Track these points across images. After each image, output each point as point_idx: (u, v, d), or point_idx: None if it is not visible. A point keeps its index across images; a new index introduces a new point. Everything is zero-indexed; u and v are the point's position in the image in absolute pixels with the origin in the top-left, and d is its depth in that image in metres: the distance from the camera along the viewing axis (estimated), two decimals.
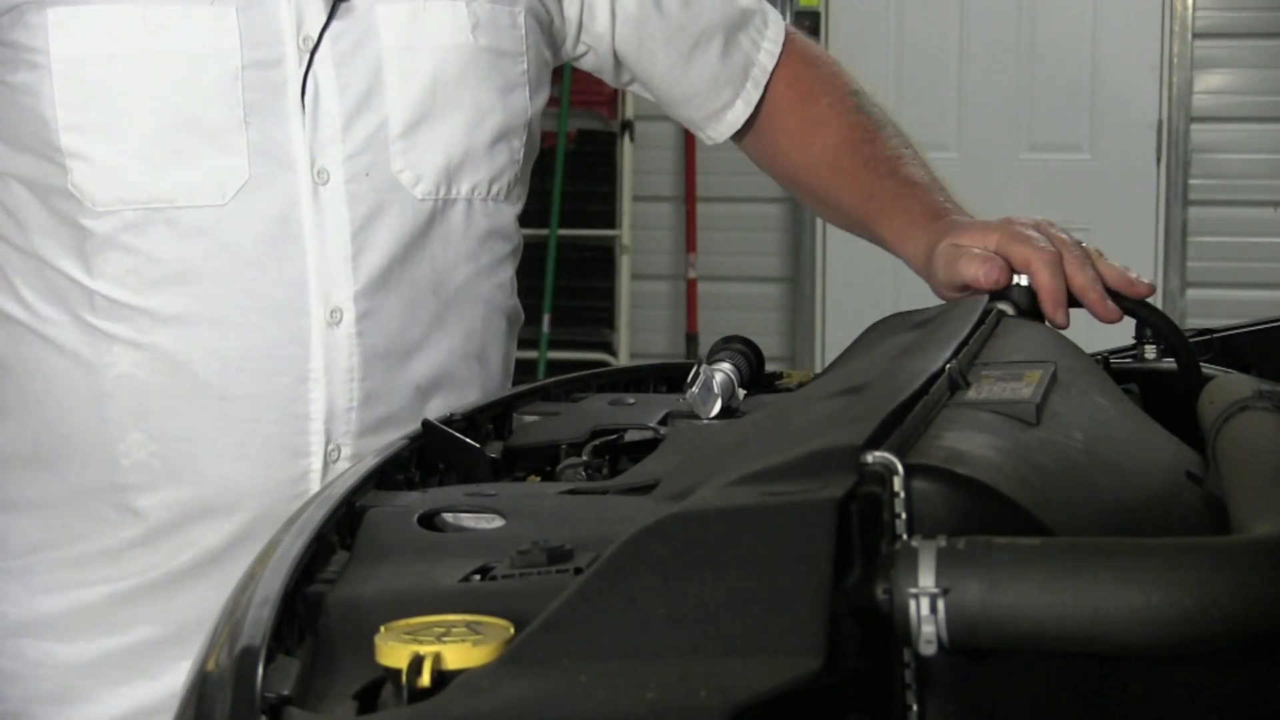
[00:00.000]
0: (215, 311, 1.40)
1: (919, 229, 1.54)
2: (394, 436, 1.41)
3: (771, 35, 1.71)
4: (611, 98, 5.39)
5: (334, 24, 1.43)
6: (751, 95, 1.70)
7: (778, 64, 1.71)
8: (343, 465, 1.42)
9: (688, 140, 5.49)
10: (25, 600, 1.48)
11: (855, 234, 1.69)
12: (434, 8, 1.48)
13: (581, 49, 1.65)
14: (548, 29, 1.60)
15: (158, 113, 1.39)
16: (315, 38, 1.42)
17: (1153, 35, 5.25)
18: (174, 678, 1.43)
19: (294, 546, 0.95)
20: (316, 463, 1.43)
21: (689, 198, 5.50)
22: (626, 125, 5.44)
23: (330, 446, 1.44)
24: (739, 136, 1.74)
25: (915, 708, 0.76)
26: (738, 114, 1.71)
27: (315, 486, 1.42)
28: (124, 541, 1.44)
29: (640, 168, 5.51)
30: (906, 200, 1.59)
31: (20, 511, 1.48)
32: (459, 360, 1.54)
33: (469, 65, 1.49)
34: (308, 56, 1.42)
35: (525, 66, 1.55)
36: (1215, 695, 0.81)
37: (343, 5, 1.43)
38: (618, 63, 1.67)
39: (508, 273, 1.59)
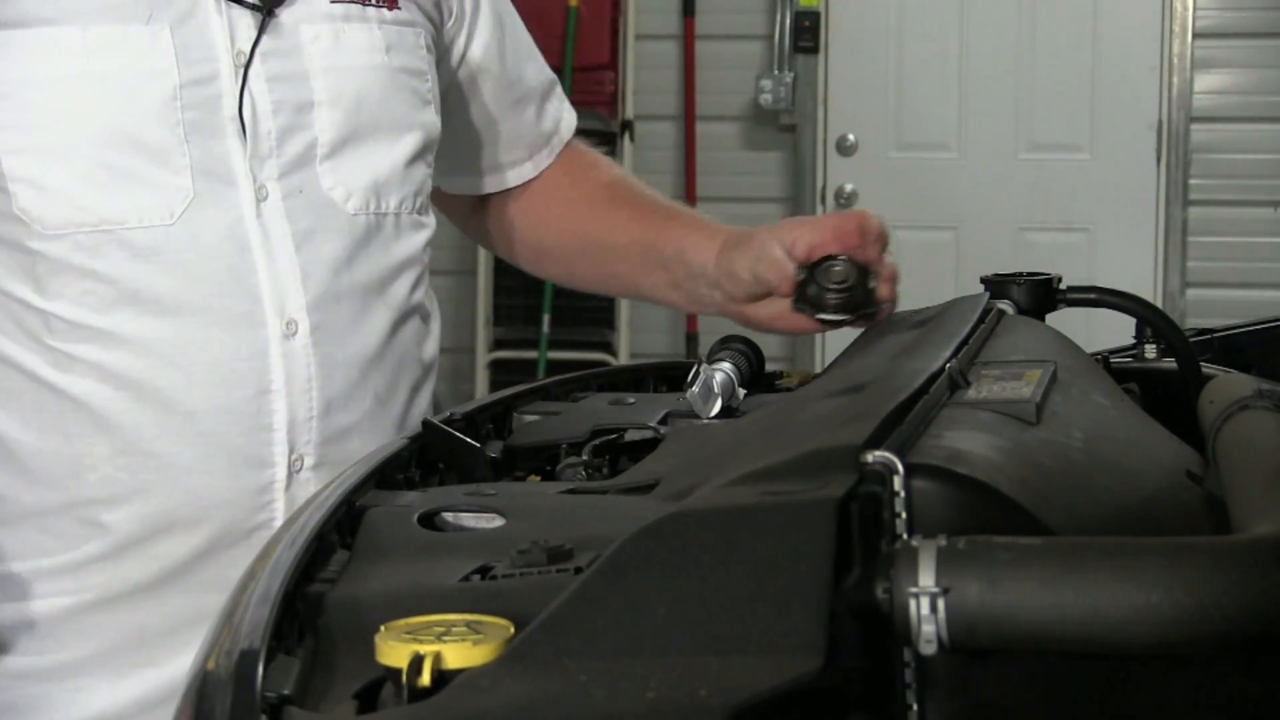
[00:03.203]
0: (174, 328, 1.41)
1: (711, 230, 1.61)
2: (355, 445, 1.44)
3: (569, 110, 1.82)
4: (611, 98, 5.39)
5: (264, 40, 1.44)
6: (543, 160, 1.79)
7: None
8: (305, 475, 1.44)
9: (688, 140, 5.49)
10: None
11: (625, 278, 1.74)
12: (352, 29, 1.50)
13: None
14: (435, 51, 1.64)
15: (100, 134, 1.39)
16: (248, 53, 1.43)
17: (1153, 35, 5.25)
18: (137, 683, 1.44)
19: (294, 546, 0.95)
20: (280, 473, 1.44)
21: (689, 198, 5.49)
22: (626, 125, 5.44)
23: (294, 456, 1.44)
24: (482, 201, 1.81)
25: (915, 707, 0.76)
26: (523, 173, 1.78)
27: (279, 497, 1.44)
28: (88, 555, 1.44)
29: (640, 168, 5.51)
30: (689, 214, 1.69)
31: None
32: (412, 367, 1.57)
33: (388, 85, 1.53)
34: (241, 72, 1.43)
35: (431, 84, 1.59)
36: (1215, 695, 0.81)
37: (271, 22, 1.44)
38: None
39: (426, 279, 1.63)
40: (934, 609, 0.72)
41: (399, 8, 1.55)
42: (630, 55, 5.47)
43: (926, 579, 0.72)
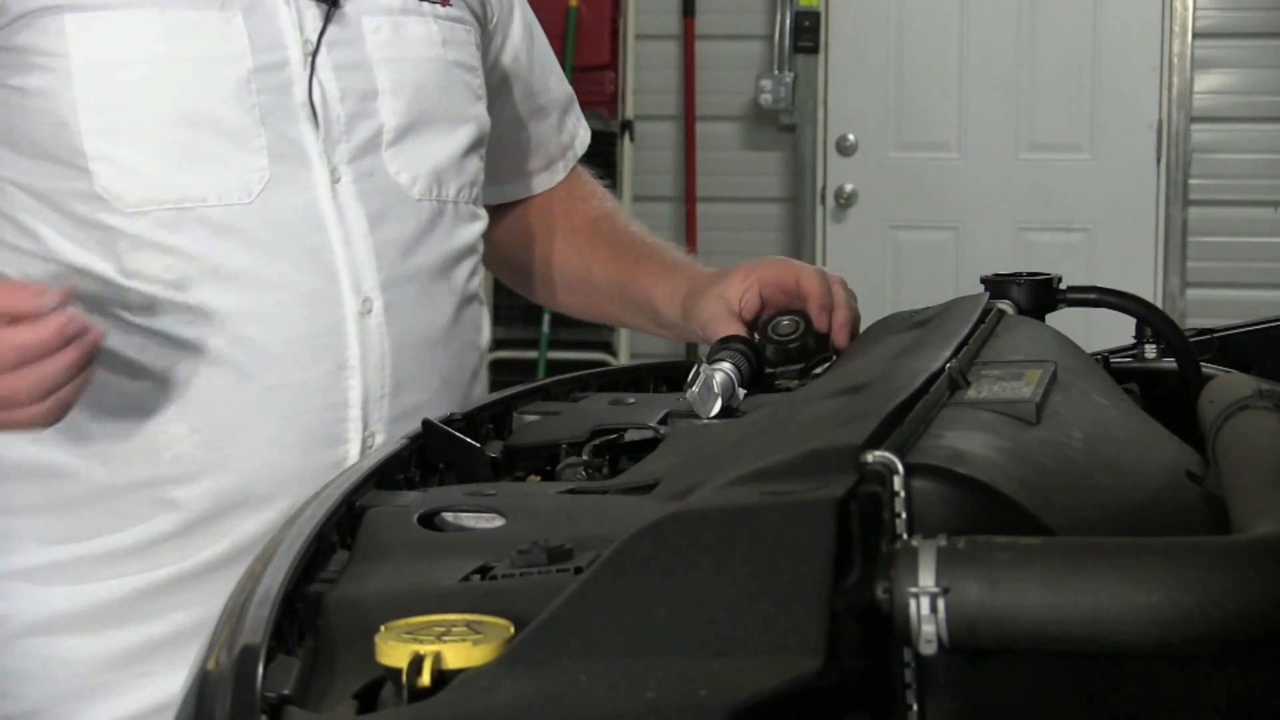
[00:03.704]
0: (254, 304, 1.43)
1: (675, 279, 1.69)
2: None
3: (585, 127, 1.88)
4: (611, 98, 5.39)
5: (330, 29, 1.48)
6: (558, 173, 1.84)
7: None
8: None
9: (688, 140, 5.49)
10: (42, 598, 1.47)
11: (615, 318, 1.83)
12: (410, 22, 1.55)
13: None
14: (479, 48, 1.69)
15: (179, 115, 1.42)
16: (315, 42, 1.47)
17: (1153, 35, 5.25)
18: None
19: (294, 546, 0.95)
20: (354, 450, 1.46)
21: (689, 198, 5.50)
22: (626, 125, 5.44)
23: (366, 433, 1.47)
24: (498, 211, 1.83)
25: (915, 707, 0.76)
26: (541, 182, 1.83)
27: None
28: (159, 534, 1.45)
29: (640, 168, 5.51)
30: (659, 257, 1.74)
31: (34, 514, 1.48)
32: (472, 352, 1.61)
33: (444, 77, 1.58)
34: (310, 60, 1.47)
35: (481, 80, 1.64)
36: (1215, 695, 0.81)
37: (336, 12, 1.49)
38: None
39: (481, 270, 1.67)
40: (934, 609, 0.72)
41: (451, 4, 1.60)
42: (630, 55, 5.47)
43: (926, 579, 0.72)
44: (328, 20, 1.48)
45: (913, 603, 0.72)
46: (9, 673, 1.48)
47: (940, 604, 0.71)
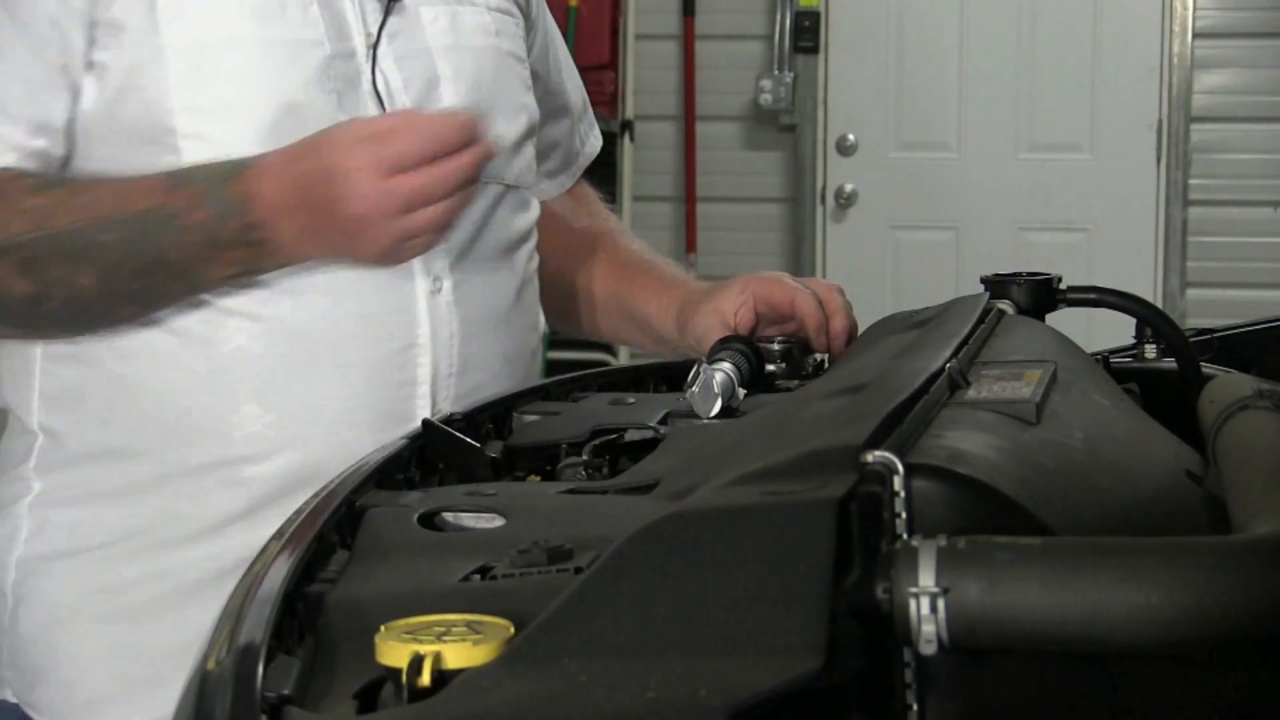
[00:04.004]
0: (329, 281, 1.44)
1: (670, 295, 1.71)
2: None
3: (596, 134, 1.90)
4: (611, 97, 5.39)
5: (389, 21, 1.51)
6: (568, 179, 1.86)
7: None
8: None
9: (688, 140, 5.49)
10: (113, 584, 1.48)
11: (610, 333, 1.85)
12: (465, 12, 1.58)
13: None
14: None
15: (266, 95, 1.44)
16: (375, 34, 1.50)
17: (1153, 35, 5.25)
18: None
19: (294, 546, 0.95)
20: None
21: (689, 198, 5.50)
22: (626, 125, 5.43)
23: (434, 412, 1.48)
24: None
25: (915, 708, 0.76)
26: (552, 188, 1.84)
27: None
28: (228, 514, 1.45)
29: (640, 168, 5.51)
30: (655, 273, 1.77)
31: (107, 499, 1.48)
32: (532, 334, 1.65)
33: (499, 66, 1.61)
34: (371, 53, 1.49)
35: (529, 72, 1.67)
36: (1215, 695, 0.81)
37: (395, 5, 1.52)
38: None
39: (536, 256, 1.70)
40: (934, 609, 0.72)
41: None
42: (630, 55, 5.47)
43: (926, 579, 0.72)
44: (388, 13, 1.51)
45: (913, 603, 0.72)
46: (77, 660, 1.48)
47: (940, 604, 0.71)
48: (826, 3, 5.36)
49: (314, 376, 1.45)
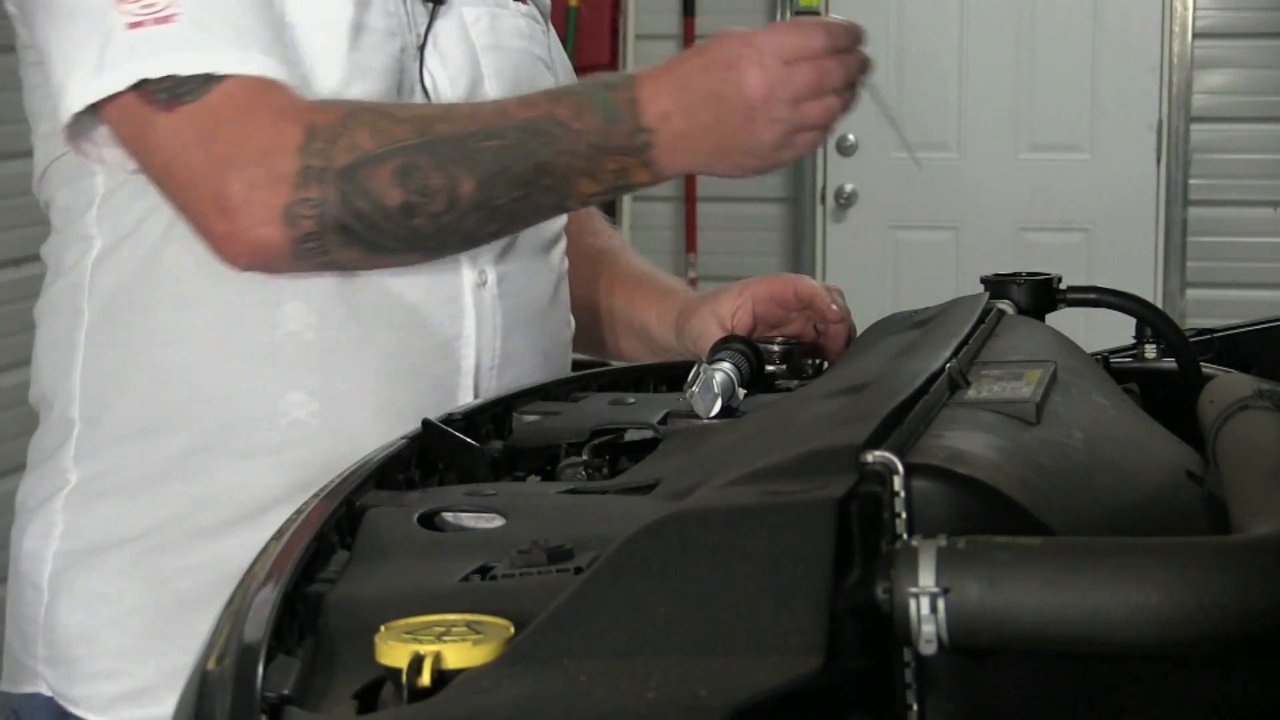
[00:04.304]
0: (378, 271, 1.45)
1: (668, 303, 1.74)
2: None
3: None
4: None
5: (435, 22, 1.53)
6: None
7: None
8: None
9: None
10: (157, 574, 1.47)
11: (600, 332, 1.85)
12: (503, 15, 1.60)
13: None
14: None
15: (344, 80, 1.44)
16: (423, 34, 1.51)
17: (1153, 35, 5.25)
18: None
19: (294, 546, 0.95)
20: None
21: (689, 198, 5.50)
22: None
23: None
24: None
25: (915, 708, 0.76)
26: None
27: None
28: (266, 501, 1.44)
29: None
30: (654, 283, 1.79)
31: (139, 491, 1.47)
32: (565, 330, 1.66)
33: (534, 68, 1.62)
34: (419, 54, 1.51)
35: (553, 79, 1.67)
36: (1215, 695, 0.81)
37: (441, 9, 1.53)
38: None
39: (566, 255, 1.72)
40: (934, 609, 0.72)
41: (526, 3, 1.65)
42: (630, 55, 5.47)
43: (926, 579, 0.72)
44: (434, 16, 1.52)
45: (913, 603, 0.72)
46: (123, 651, 1.48)
47: (940, 604, 0.71)
48: (826, 3, 5.35)
49: (362, 365, 1.45)
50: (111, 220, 1.48)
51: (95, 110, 1.39)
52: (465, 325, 1.50)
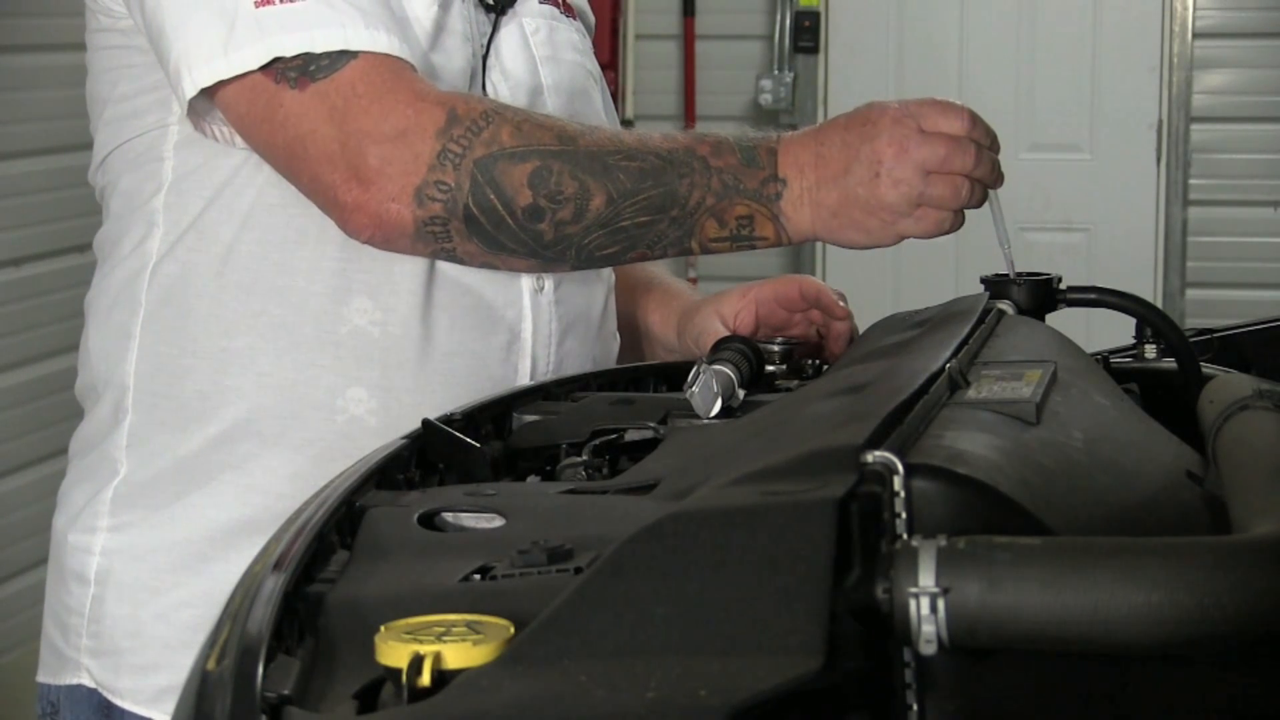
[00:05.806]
0: (447, 269, 1.46)
1: (671, 305, 1.76)
2: None
3: None
4: (612, 97, 5.40)
5: (497, 31, 1.55)
6: None
7: None
8: None
9: None
10: (201, 568, 1.46)
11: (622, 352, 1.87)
12: (561, 27, 1.62)
13: None
14: None
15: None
16: (485, 45, 1.53)
17: (1153, 35, 5.25)
18: None
19: (294, 546, 0.95)
20: None
21: None
22: (627, 125, 5.44)
23: None
24: None
25: (915, 708, 0.76)
26: None
27: None
28: None
29: None
30: (658, 286, 1.80)
31: (188, 483, 1.46)
32: (613, 340, 1.66)
33: (587, 80, 1.65)
34: (482, 64, 1.53)
35: (599, 90, 1.70)
36: (1215, 695, 0.81)
37: (502, 20, 1.55)
38: None
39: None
40: (934, 609, 0.72)
41: (576, 18, 1.67)
42: (630, 55, 5.47)
43: (926, 579, 0.72)
44: (495, 28, 1.54)
45: (913, 603, 0.72)
46: (170, 644, 1.47)
47: (940, 604, 0.71)
48: (826, 3, 5.36)
49: (421, 364, 1.46)
50: (179, 206, 1.48)
51: (207, 91, 1.40)
52: (524, 329, 1.51)
